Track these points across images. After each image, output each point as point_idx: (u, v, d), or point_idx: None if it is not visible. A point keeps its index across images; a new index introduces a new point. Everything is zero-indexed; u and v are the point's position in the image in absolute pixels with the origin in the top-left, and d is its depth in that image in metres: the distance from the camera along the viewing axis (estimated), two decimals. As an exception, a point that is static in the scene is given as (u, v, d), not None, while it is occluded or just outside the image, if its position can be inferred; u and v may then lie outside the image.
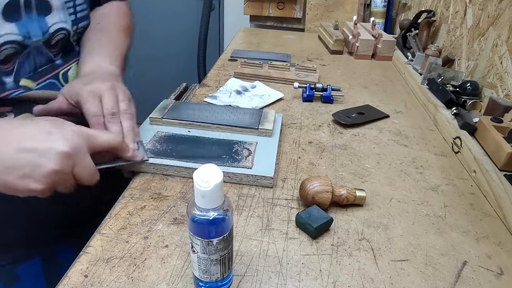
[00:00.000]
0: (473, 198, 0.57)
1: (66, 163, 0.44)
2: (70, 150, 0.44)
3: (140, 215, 0.49)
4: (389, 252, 0.46)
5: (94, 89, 0.54)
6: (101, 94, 0.54)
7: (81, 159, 0.45)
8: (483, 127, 0.65)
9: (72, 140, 0.44)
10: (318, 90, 0.85)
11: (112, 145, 0.50)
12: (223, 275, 0.38)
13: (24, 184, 0.43)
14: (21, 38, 0.51)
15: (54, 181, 0.44)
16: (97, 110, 0.53)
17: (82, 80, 0.56)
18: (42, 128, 0.45)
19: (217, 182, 0.33)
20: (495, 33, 0.80)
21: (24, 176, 0.43)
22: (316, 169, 0.61)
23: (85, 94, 0.53)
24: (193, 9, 2.04)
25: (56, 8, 0.56)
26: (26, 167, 0.42)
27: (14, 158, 0.42)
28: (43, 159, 0.43)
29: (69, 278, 0.40)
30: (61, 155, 0.43)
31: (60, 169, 0.43)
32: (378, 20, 1.37)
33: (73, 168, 0.45)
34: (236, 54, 1.12)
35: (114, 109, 0.54)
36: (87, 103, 0.53)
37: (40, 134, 0.44)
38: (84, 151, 0.46)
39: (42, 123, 0.46)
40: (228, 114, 0.69)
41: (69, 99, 0.55)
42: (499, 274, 0.44)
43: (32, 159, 0.43)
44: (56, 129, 0.45)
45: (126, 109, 0.55)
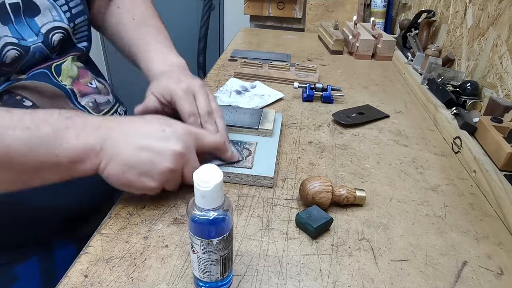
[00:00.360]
0: (473, 198, 0.57)
1: (179, 162, 0.46)
2: (183, 149, 0.45)
3: (140, 215, 0.49)
4: (389, 252, 0.46)
5: (187, 87, 0.54)
6: (194, 92, 0.55)
7: (190, 158, 0.47)
8: (483, 127, 0.65)
9: (185, 140, 0.46)
10: (318, 90, 0.85)
11: (217, 145, 0.51)
12: (223, 275, 0.38)
13: (142, 181, 0.45)
14: (15, 40, 0.51)
15: (167, 179, 0.46)
16: (194, 109, 0.54)
17: (168, 77, 0.56)
18: (156, 127, 0.46)
19: (217, 182, 0.33)
20: (495, 33, 0.80)
21: (142, 173, 0.45)
22: (316, 169, 0.61)
23: (179, 93, 0.54)
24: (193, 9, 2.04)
25: (45, 8, 0.56)
26: (145, 165, 0.44)
27: (135, 156, 0.44)
28: (160, 158, 0.44)
29: (69, 278, 0.40)
30: (176, 154, 0.45)
31: (174, 168, 0.45)
32: (378, 20, 1.37)
33: (184, 167, 0.47)
34: (236, 54, 1.12)
35: (209, 108, 0.54)
36: (183, 101, 0.53)
37: (155, 133, 0.46)
38: (193, 151, 0.48)
39: (153, 121, 0.47)
40: (228, 114, 0.69)
41: (162, 98, 0.56)
42: (499, 274, 0.44)
43: (150, 157, 0.44)
44: (167, 127, 0.46)
45: (218, 108, 0.56)
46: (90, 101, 0.60)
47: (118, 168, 0.44)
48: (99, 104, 0.62)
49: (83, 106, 0.59)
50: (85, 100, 0.59)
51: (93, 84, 0.62)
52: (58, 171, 0.43)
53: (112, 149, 0.44)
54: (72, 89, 0.58)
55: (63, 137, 0.42)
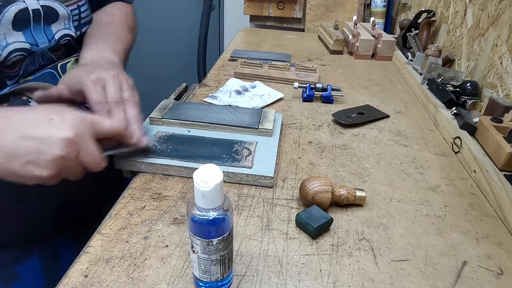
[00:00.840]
0: (473, 198, 0.57)
1: (70, 149, 0.44)
2: (72, 136, 0.44)
3: (140, 215, 0.49)
4: (389, 252, 0.46)
5: (97, 77, 0.53)
6: (104, 82, 0.53)
7: (85, 145, 0.45)
8: (483, 127, 0.65)
9: (75, 126, 0.44)
10: (318, 90, 0.85)
11: (116, 131, 0.50)
12: (223, 275, 0.38)
13: (29, 170, 0.43)
14: (28, 45, 0.52)
15: (60, 167, 0.44)
16: (101, 97, 0.52)
17: (83, 68, 0.56)
18: (42, 115, 0.45)
19: (217, 182, 0.33)
20: (495, 33, 0.80)
21: (28, 163, 0.43)
22: (316, 169, 0.61)
23: (88, 82, 0.53)
24: (193, 9, 2.04)
25: (63, 16, 0.57)
26: (30, 154, 0.42)
27: (17, 145, 0.42)
28: (46, 146, 0.43)
29: (69, 278, 0.40)
30: (64, 141, 0.43)
31: (65, 155, 0.43)
32: (378, 20, 1.37)
33: (78, 154, 0.45)
34: (236, 54, 1.12)
35: (118, 97, 0.53)
36: (91, 90, 0.52)
37: (41, 121, 0.44)
38: (88, 137, 0.46)
39: (42, 110, 0.46)
40: (228, 114, 0.69)
41: (70, 87, 0.55)
42: (499, 274, 0.44)
43: (35, 146, 0.43)
44: (57, 116, 0.45)
45: (130, 98, 0.55)
46: None
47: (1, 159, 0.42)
48: None
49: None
50: None
51: None
52: None
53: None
54: None
55: None
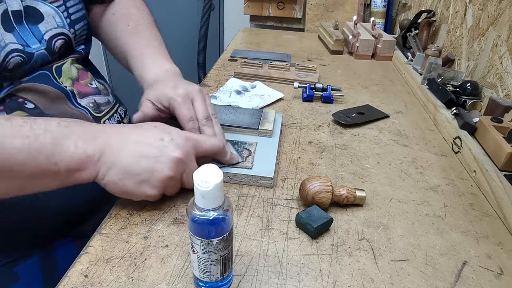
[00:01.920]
0: (473, 198, 0.57)
1: (179, 168, 0.46)
2: (182, 156, 0.46)
3: (140, 215, 0.49)
4: (389, 252, 0.46)
5: (185, 92, 0.55)
6: (192, 97, 0.55)
7: (190, 164, 0.47)
8: (483, 127, 0.65)
9: (183, 146, 0.46)
10: (318, 90, 0.85)
11: (216, 149, 0.52)
12: (223, 275, 0.38)
13: (142, 189, 0.45)
14: (20, 46, 0.52)
15: (166, 186, 0.46)
16: (192, 114, 0.54)
17: (165, 84, 0.57)
18: (154, 135, 0.47)
19: (217, 182, 0.33)
20: (495, 33, 0.80)
21: (142, 181, 0.45)
22: (316, 169, 0.61)
23: (178, 98, 0.54)
24: (193, 9, 2.04)
25: (48, 14, 0.56)
26: (144, 173, 0.45)
27: (134, 164, 0.44)
28: (159, 165, 0.45)
29: (69, 278, 0.40)
30: (175, 161, 0.45)
31: (174, 175, 0.46)
32: (378, 20, 1.37)
33: (183, 173, 0.47)
34: (236, 54, 1.12)
35: (207, 113, 0.55)
36: (181, 107, 0.54)
37: (153, 141, 0.46)
38: (193, 156, 0.48)
39: (152, 129, 0.48)
40: (228, 114, 0.69)
41: (158, 104, 0.56)
42: (499, 274, 0.44)
43: (149, 165, 0.45)
44: (166, 135, 0.47)
45: (214, 113, 0.57)
46: (90, 101, 0.60)
47: (117, 176, 0.44)
48: (99, 104, 0.62)
49: (84, 107, 0.59)
50: (85, 101, 0.59)
51: (93, 84, 0.63)
52: (57, 180, 0.43)
53: (111, 158, 0.44)
54: (72, 91, 0.58)
55: (61, 146, 0.42)
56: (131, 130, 0.48)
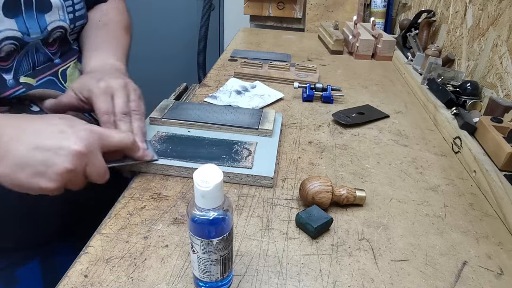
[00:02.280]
0: (473, 198, 0.57)
1: (79, 162, 0.44)
2: (83, 149, 0.43)
3: (140, 215, 0.49)
4: (389, 252, 0.46)
5: (106, 86, 0.53)
6: (113, 91, 0.54)
7: (93, 158, 0.45)
8: (483, 127, 0.65)
9: (85, 139, 0.44)
10: (318, 90, 0.85)
11: (124, 145, 0.50)
12: (223, 275, 0.38)
13: (36, 182, 0.43)
14: (20, 34, 0.51)
15: (66, 179, 0.44)
16: (109, 108, 0.53)
17: (92, 76, 0.56)
18: (54, 126, 0.44)
19: (217, 182, 0.33)
20: (495, 33, 0.80)
21: (36, 174, 0.42)
22: (316, 169, 0.61)
23: (97, 91, 0.53)
24: (193, 9, 2.04)
25: (56, 6, 0.56)
26: (39, 166, 0.42)
27: (27, 156, 0.42)
28: (56, 158, 0.42)
29: (69, 278, 0.40)
30: (74, 154, 0.43)
31: (73, 168, 0.43)
32: (378, 20, 1.37)
33: (86, 166, 0.45)
34: (236, 54, 1.12)
35: (125, 108, 0.54)
36: (99, 100, 0.53)
37: (53, 132, 0.44)
38: (97, 150, 0.46)
39: (54, 121, 0.45)
40: (228, 114, 0.69)
41: (79, 94, 0.55)
42: (499, 274, 0.44)
43: (45, 157, 0.42)
44: (68, 128, 0.44)
45: (137, 109, 0.55)
46: None
47: (9, 168, 0.42)
48: None
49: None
50: None
51: None
52: None
53: (3, 148, 0.42)
54: None
55: None
56: (32, 121, 0.45)
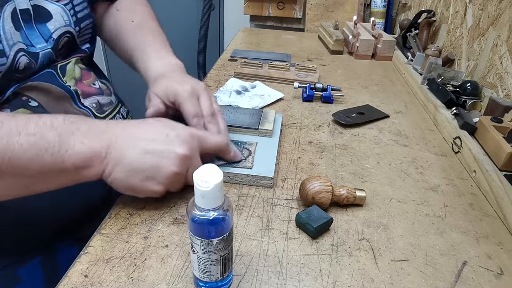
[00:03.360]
0: (473, 198, 0.57)
1: (184, 165, 0.46)
2: (188, 152, 0.45)
3: (140, 215, 0.49)
4: (389, 252, 0.46)
5: (192, 89, 0.55)
6: (198, 94, 0.55)
7: (195, 161, 0.47)
8: (483, 127, 0.65)
9: (189, 142, 0.46)
10: (318, 90, 0.85)
11: (219, 147, 0.52)
12: (223, 275, 0.38)
13: (147, 185, 0.45)
14: (24, 46, 0.51)
15: (171, 182, 0.46)
16: (198, 110, 0.54)
17: (171, 79, 0.57)
18: (159, 130, 0.46)
19: (217, 182, 0.33)
20: (495, 33, 0.80)
21: (147, 178, 0.45)
22: (316, 169, 0.61)
23: (185, 94, 0.54)
24: (193, 9, 2.04)
25: (56, 13, 0.56)
26: (150, 170, 0.44)
27: (140, 161, 0.44)
28: (165, 161, 0.44)
29: (69, 278, 0.40)
30: (180, 157, 0.45)
31: (180, 171, 0.45)
32: (378, 20, 1.37)
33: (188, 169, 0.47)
34: (236, 54, 1.12)
35: (212, 110, 0.55)
36: (188, 103, 0.54)
37: (159, 136, 0.46)
38: (197, 153, 0.48)
39: (157, 124, 0.48)
40: (228, 114, 0.69)
41: (164, 99, 0.56)
42: (499, 274, 0.44)
43: (155, 161, 0.44)
44: (171, 131, 0.46)
45: (220, 109, 0.57)
46: (93, 102, 0.60)
47: (123, 173, 0.44)
48: (102, 105, 0.62)
49: (87, 107, 0.59)
50: (88, 101, 0.59)
51: (96, 84, 0.63)
52: (64, 177, 0.43)
53: (117, 154, 0.44)
54: (76, 90, 0.58)
55: (68, 143, 0.42)
56: (136, 125, 0.47)
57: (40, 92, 0.55)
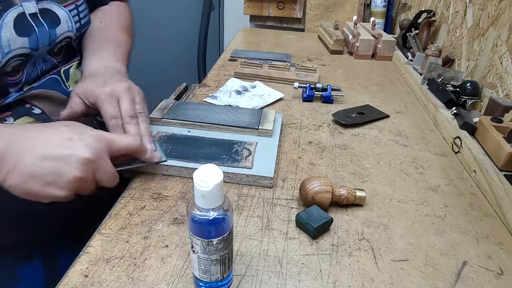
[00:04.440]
0: (473, 198, 0.57)
1: (88, 169, 0.44)
2: (91, 156, 0.44)
3: (140, 215, 0.49)
4: (389, 252, 0.46)
5: (111, 90, 0.54)
6: (118, 95, 0.54)
7: (102, 164, 0.46)
8: (483, 127, 0.65)
9: (93, 146, 0.45)
10: (318, 90, 0.85)
11: (131, 148, 0.50)
12: (223, 275, 0.38)
13: (48, 191, 0.43)
14: (29, 51, 0.52)
15: (76, 186, 0.44)
16: (116, 112, 0.53)
17: (95, 80, 0.56)
18: (62, 135, 0.45)
19: (217, 182, 0.33)
20: (495, 33, 0.80)
21: (47, 183, 0.43)
22: (316, 169, 0.61)
23: (103, 96, 0.53)
24: (193, 9, 2.04)
25: (64, 19, 0.57)
26: (50, 175, 0.43)
27: (38, 166, 0.42)
28: (66, 167, 0.43)
29: (69, 278, 0.40)
30: (83, 162, 0.44)
31: (83, 176, 0.44)
32: (378, 20, 1.37)
33: (95, 173, 0.46)
34: (236, 54, 1.12)
35: (132, 111, 0.54)
36: (106, 105, 0.53)
37: (61, 141, 0.44)
38: (105, 156, 0.46)
39: (62, 128, 0.46)
40: (228, 114, 0.69)
41: (85, 100, 0.55)
42: (499, 274, 0.44)
43: (55, 166, 0.43)
44: (76, 135, 0.45)
45: (142, 111, 0.56)
46: None
47: (20, 179, 0.42)
48: None
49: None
50: None
51: None
52: None
53: (13, 159, 0.42)
54: None
55: None
56: (39, 129, 0.46)
57: (43, 99, 0.55)
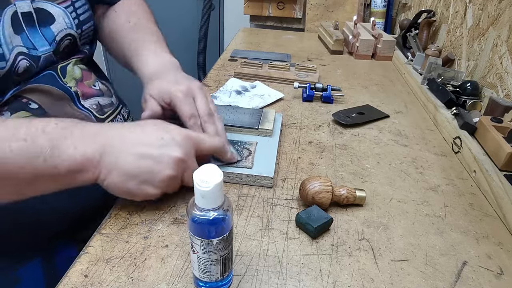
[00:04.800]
0: (473, 198, 0.57)
1: (180, 168, 0.46)
2: (183, 155, 0.45)
3: (140, 215, 0.49)
4: (389, 252, 0.46)
5: (188, 88, 0.54)
6: (194, 94, 0.55)
7: (191, 163, 0.47)
8: (483, 127, 0.65)
9: (184, 146, 0.46)
10: (318, 90, 0.85)
11: (215, 148, 0.51)
12: (223, 275, 0.38)
13: (143, 189, 0.45)
14: (25, 49, 0.51)
15: (168, 185, 0.46)
16: (194, 111, 0.54)
17: (165, 78, 0.56)
18: (154, 133, 0.46)
19: (217, 182, 0.33)
20: (495, 33, 0.80)
21: (143, 182, 0.44)
22: (316, 169, 0.61)
23: (180, 95, 0.54)
24: (193, 9, 2.04)
25: (58, 15, 0.56)
26: (145, 174, 0.44)
27: (135, 165, 0.44)
28: (160, 165, 0.44)
29: (69, 278, 0.40)
30: (176, 161, 0.45)
31: (175, 174, 0.45)
32: (378, 20, 1.37)
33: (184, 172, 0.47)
34: (236, 54, 1.12)
35: (208, 110, 0.54)
36: (183, 104, 0.53)
37: (153, 140, 0.45)
38: (193, 155, 0.48)
39: (151, 128, 0.47)
40: (228, 114, 0.69)
41: (160, 100, 0.55)
42: (499, 274, 0.44)
43: (150, 165, 0.44)
44: (166, 134, 0.46)
45: (216, 109, 0.56)
46: (93, 103, 0.60)
47: (118, 178, 0.44)
48: (102, 106, 0.62)
49: (87, 109, 0.59)
50: (88, 103, 0.59)
51: (97, 86, 0.63)
52: (57, 182, 0.43)
53: (111, 159, 0.43)
54: (76, 92, 0.58)
55: (60, 148, 0.41)
56: (130, 129, 0.47)
57: (40, 94, 0.55)
